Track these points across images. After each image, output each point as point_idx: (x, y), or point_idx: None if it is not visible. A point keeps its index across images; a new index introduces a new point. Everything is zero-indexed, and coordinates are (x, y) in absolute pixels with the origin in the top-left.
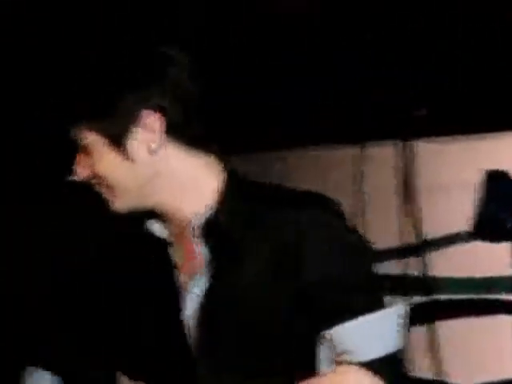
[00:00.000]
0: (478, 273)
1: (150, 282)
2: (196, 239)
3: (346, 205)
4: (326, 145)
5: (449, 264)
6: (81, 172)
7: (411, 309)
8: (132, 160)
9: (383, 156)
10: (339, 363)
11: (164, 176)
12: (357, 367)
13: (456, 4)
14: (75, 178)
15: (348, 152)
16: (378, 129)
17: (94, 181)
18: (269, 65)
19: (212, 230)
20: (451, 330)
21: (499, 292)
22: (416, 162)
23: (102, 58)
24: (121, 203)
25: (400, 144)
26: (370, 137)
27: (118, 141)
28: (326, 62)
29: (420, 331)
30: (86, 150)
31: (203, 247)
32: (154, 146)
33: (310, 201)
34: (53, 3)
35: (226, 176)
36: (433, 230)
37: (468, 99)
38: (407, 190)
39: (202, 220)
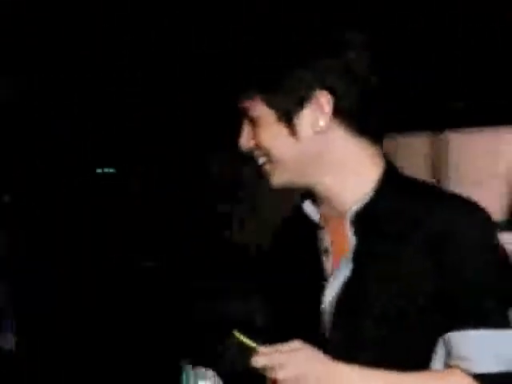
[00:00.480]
0: None
1: (300, 263)
2: (350, 226)
3: None
4: None
5: None
6: (246, 142)
7: None
8: (297, 137)
9: (417, 146)
10: (451, 367)
11: (326, 157)
12: (465, 374)
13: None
14: (240, 147)
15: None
16: (413, 120)
17: (257, 152)
18: None
19: (365, 219)
20: None
21: None
22: (449, 152)
23: (285, 33)
24: (279, 177)
25: (434, 135)
26: (404, 127)
27: (287, 116)
28: None
29: None
30: (253, 122)
31: (353, 235)
32: (320, 126)
33: (463, 201)
34: None
35: (385, 167)
36: None
37: (502, 93)
38: (440, 181)
39: (359, 208)
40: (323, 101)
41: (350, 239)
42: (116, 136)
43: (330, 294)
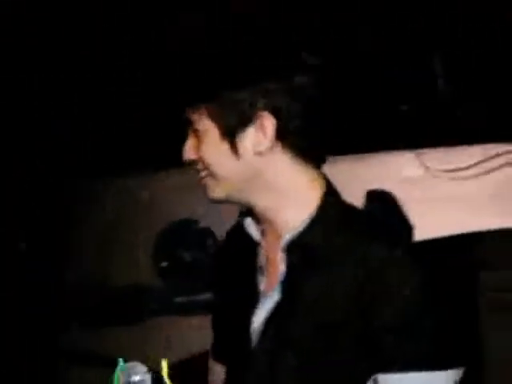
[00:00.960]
0: None
1: (239, 279)
2: (282, 254)
3: None
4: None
5: None
6: (189, 154)
7: None
8: (238, 155)
9: None
10: None
11: (265, 179)
12: None
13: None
14: (184, 158)
15: None
16: None
17: (199, 165)
18: None
19: (298, 248)
20: None
21: None
22: None
23: (236, 52)
24: (218, 192)
25: None
26: None
27: (230, 134)
28: None
29: None
30: (198, 135)
31: (283, 263)
32: (261, 148)
33: (391, 238)
34: None
35: (324, 193)
36: None
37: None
38: None
39: (292, 237)
40: (266, 123)
41: (281, 267)
42: None
43: (260, 315)
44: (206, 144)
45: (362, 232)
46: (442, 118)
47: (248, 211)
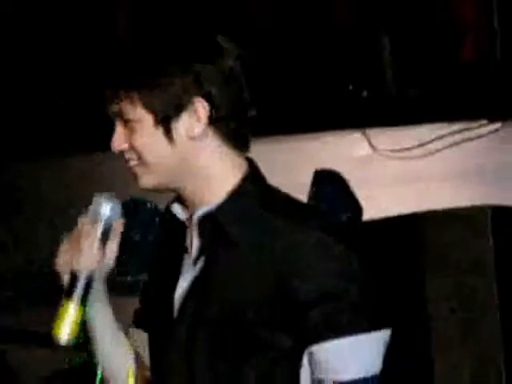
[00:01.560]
0: None
1: (168, 256)
2: (195, 227)
3: None
4: None
5: None
6: (119, 144)
7: None
8: (172, 141)
9: None
10: (318, 381)
11: (195, 163)
12: None
13: None
14: (113, 148)
15: None
16: None
17: (128, 154)
18: None
19: (210, 222)
20: None
21: None
22: None
23: (167, 37)
24: (149, 180)
25: None
26: None
27: (164, 120)
28: None
29: None
30: (128, 124)
31: (197, 236)
32: (195, 132)
33: (315, 218)
34: None
35: (245, 177)
36: None
37: (297, 98)
38: None
39: (205, 211)
40: (200, 108)
41: (194, 240)
42: None
43: (181, 289)
44: (139, 132)
45: (280, 213)
46: (389, 98)
47: (176, 196)
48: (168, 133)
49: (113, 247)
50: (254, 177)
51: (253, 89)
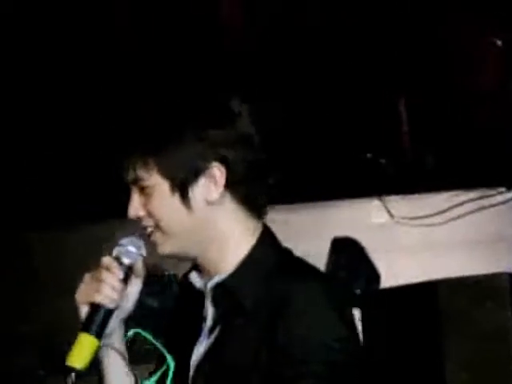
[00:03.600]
0: None
1: (185, 323)
2: (208, 298)
3: None
4: None
5: None
6: (136, 210)
7: None
8: (189, 207)
9: None
10: None
11: (212, 227)
12: None
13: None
14: (128, 214)
15: None
16: None
17: (145, 221)
18: None
19: (224, 291)
20: None
21: None
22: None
23: (180, 105)
24: (168, 247)
25: None
26: None
27: (181, 187)
28: None
29: None
30: (144, 191)
31: (211, 305)
32: (213, 196)
33: (304, 274)
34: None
35: (258, 241)
36: None
37: (315, 166)
38: None
39: (217, 280)
40: (217, 172)
41: (209, 309)
42: None
43: (196, 358)
44: (156, 199)
45: (289, 277)
46: (407, 166)
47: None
48: (185, 198)
49: (134, 290)
50: (267, 243)
51: (272, 157)
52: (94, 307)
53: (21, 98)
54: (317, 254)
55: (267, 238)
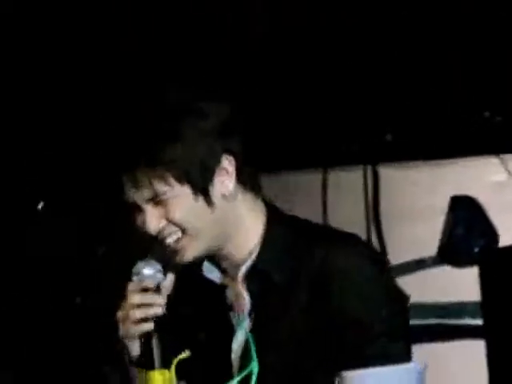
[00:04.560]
0: (446, 298)
1: (209, 321)
2: (242, 284)
3: None
4: (290, 169)
5: (416, 290)
6: (156, 224)
7: None
8: (211, 205)
9: (349, 181)
10: None
11: (232, 218)
12: None
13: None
14: (149, 230)
15: (313, 177)
16: (344, 154)
17: (168, 230)
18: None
19: (255, 275)
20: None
21: (466, 317)
22: (382, 187)
23: (175, 104)
24: (194, 251)
25: (366, 169)
26: (336, 162)
27: (201, 187)
28: (294, 85)
29: None
30: (160, 203)
31: (246, 292)
32: (230, 188)
33: (345, 240)
34: None
35: (267, 217)
36: (400, 256)
37: (434, 124)
38: (373, 216)
39: (248, 267)
40: (227, 164)
41: (245, 296)
42: None
43: (236, 345)
44: (177, 207)
45: (309, 242)
46: None
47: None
48: (208, 200)
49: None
50: (275, 215)
51: (392, 117)
52: (146, 337)
53: None
54: (433, 212)
55: (274, 213)
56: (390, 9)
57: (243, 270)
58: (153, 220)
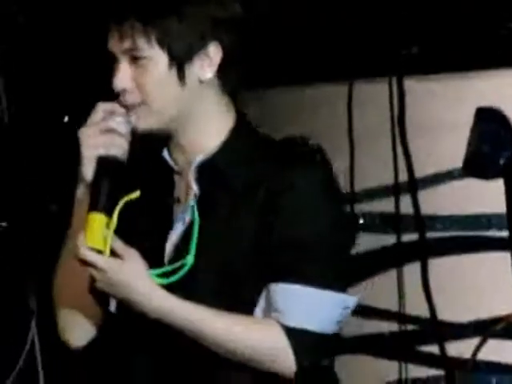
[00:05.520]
0: (471, 210)
1: (154, 204)
2: (192, 175)
3: (338, 143)
4: (314, 82)
5: (442, 202)
6: (124, 82)
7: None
8: (183, 84)
9: (374, 93)
10: (269, 317)
11: (198, 108)
12: (277, 325)
13: None
14: (116, 87)
15: (338, 90)
16: (369, 66)
17: (129, 95)
18: None
19: (209, 169)
20: (443, 267)
21: (492, 229)
22: (408, 100)
23: None
24: (150, 123)
25: (391, 82)
26: (360, 74)
27: (179, 62)
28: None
29: (412, 268)
30: (138, 63)
31: (195, 183)
32: (207, 76)
33: (305, 159)
34: None
35: (235, 125)
36: (425, 168)
37: (459, 36)
38: (399, 128)
39: (204, 158)
40: (213, 52)
41: (194, 187)
42: None
43: (174, 236)
44: (151, 72)
45: (271, 159)
46: None
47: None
48: (181, 75)
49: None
50: (244, 127)
51: (418, 29)
52: (104, 161)
53: None
54: (459, 124)
55: (243, 124)
56: None
57: (197, 160)
58: (123, 76)
